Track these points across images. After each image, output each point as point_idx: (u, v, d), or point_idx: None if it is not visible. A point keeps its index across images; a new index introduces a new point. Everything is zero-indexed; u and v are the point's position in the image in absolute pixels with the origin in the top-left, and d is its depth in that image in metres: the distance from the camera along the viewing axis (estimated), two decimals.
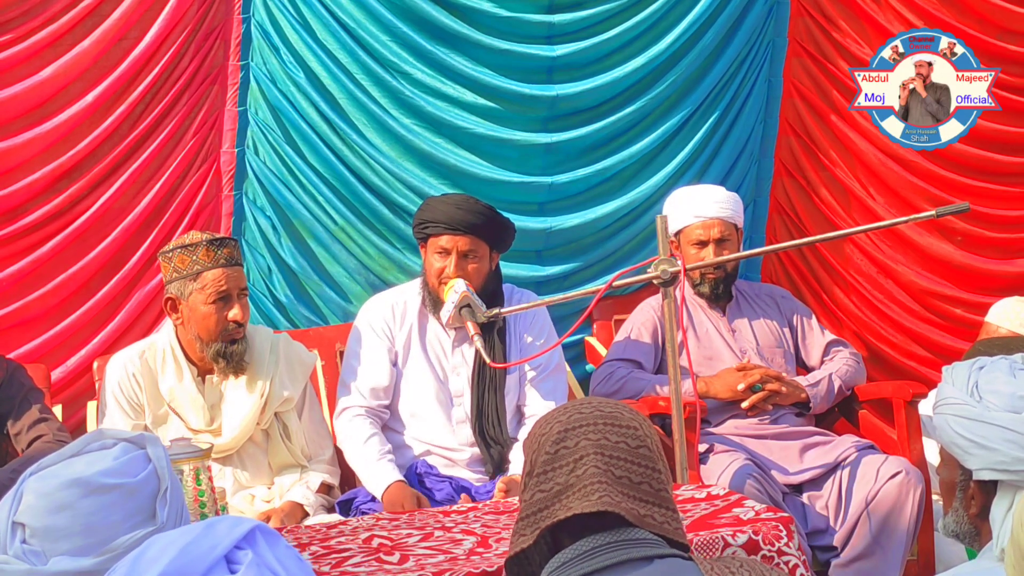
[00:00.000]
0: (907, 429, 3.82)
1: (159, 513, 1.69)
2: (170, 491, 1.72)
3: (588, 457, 1.75)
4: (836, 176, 4.71)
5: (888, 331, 4.74)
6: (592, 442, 1.76)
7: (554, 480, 1.75)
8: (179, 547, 1.35)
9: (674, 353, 3.20)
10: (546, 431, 1.80)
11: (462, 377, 3.67)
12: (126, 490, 1.67)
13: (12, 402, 3.38)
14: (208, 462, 2.64)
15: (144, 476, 1.70)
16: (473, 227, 3.60)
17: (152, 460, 1.73)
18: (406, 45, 4.29)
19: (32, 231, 4.11)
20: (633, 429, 1.80)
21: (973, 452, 2.03)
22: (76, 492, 1.65)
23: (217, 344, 3.40)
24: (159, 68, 4.14)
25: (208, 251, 3.38)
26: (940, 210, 3.39)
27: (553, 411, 1.85)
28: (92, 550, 1.63)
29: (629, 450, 1.77)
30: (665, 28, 4.46)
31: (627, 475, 1.75)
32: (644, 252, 4.48)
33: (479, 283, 3.60)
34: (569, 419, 1.79)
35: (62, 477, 1.67)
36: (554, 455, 1.76)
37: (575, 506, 1.72)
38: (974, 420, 2.03)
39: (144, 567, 1.35)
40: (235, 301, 3.39)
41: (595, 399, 1.87)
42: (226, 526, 1.40)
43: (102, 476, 1.67)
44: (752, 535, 2.53)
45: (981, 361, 2.12)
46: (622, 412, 1.82)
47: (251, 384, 3.48)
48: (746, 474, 3.56)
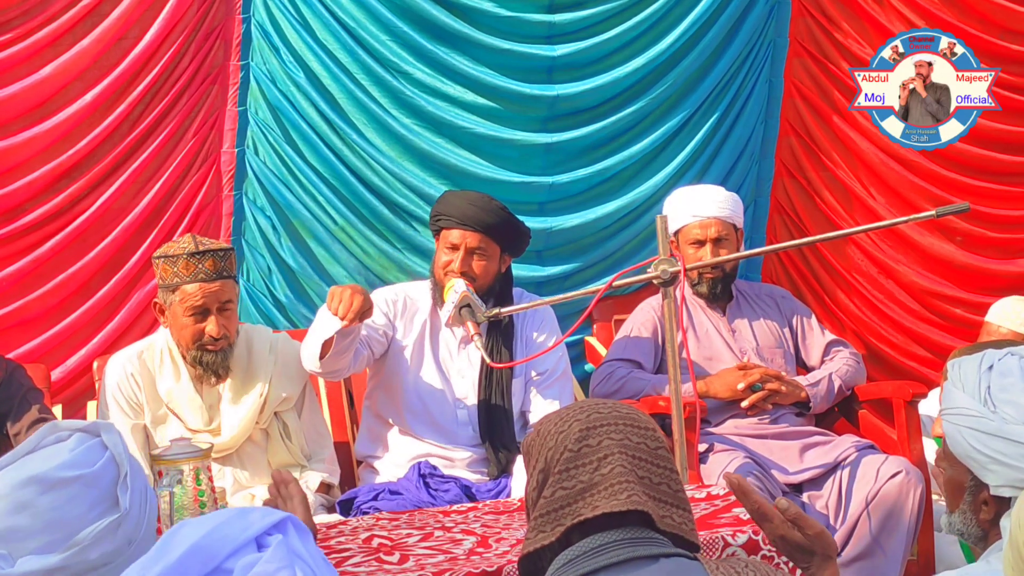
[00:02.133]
0: (907, 429, 3.82)
1: (121, 499, 1.68)
2: (130, 476, 1.70)
3: (613, 456, 1.75)
4: (837, 176, 4.70)
5: (888, 331, 4.73)
6: (615, 441, 1.76)
7: (577, 478, 1.75)
8: (211, 526, 1.37)
9: (674, 353, 3.20)
10: (564, 429, 1.79)
11: (467, 380, 3.66)
12: (85, 481, 1.66)
13: (12, 402, 3.38)
14: (208, 462, 2.64)
15: (102, 464, 1.68)
16: (485, 225, 3.59)
17: (108, 447, 1.71)
18: (406, 45, 4.29)
19: (32, 231, 4.11)
20: (652, 431, 1.80)
21: (992, 468, 1.96)
22: (34, 490, 1.63)
23: (193, 351, 3.39)
24: (159, 68, 4.14)
25: (188, 264, 3.35)
26: (940, 210, 3.39)
27: (564, 410, 1.84)
28: (58, 545, 1.62)
29: (649, 451, 1.78)
30: (666, 28, 4.46)
31: (648, 476, 1.75)
32: (644, 252, 4.48)
33: (485, 282, 3.59)
34: (588, 418, 1.79)
35: (18, 476, 1.64)
36: (577, 452, 1.76)
37: (602, 504, 1.72)
38: (992, 435, 1.95)
39: (175, 543, 1.36)
40: (213, 315, 3.36)
41: (599, 399, 1.87)
42: (259, 513, 1.41)
43: (59, 470, 1.65)
44: (752, 535, 2.53)
45: (988, 359, 2.04)
46: (638, 414, 1.82)
47: (250, 384, 3.48)
48: (746, 473, 3.56)
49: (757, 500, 1.87)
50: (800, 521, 1.85)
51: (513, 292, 3.77)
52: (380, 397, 3.72)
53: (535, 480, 1.82)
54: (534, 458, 1.83)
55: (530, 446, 1.85)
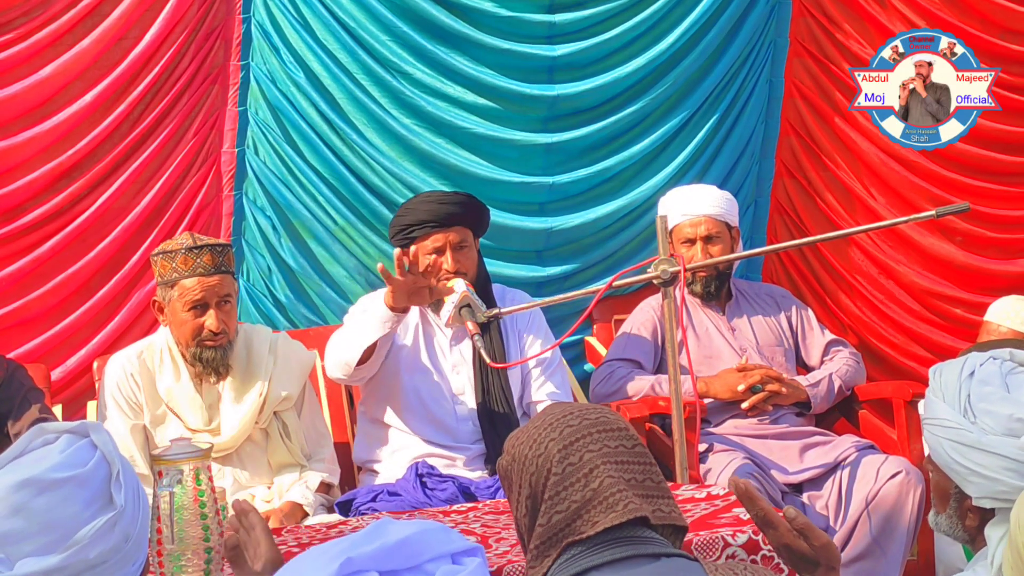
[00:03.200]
0: (907, 429, 3.82)
1: (115, 497, 1.69)
2: (123, 473, 1.71)
3: (598, 469, 1.75)
4: (837, 176, 4.70)
5: (888, 331, 4.73)
6: (595, 453, 1.76)
7: (569, 499, 1.75)
8: (419, 529, 1.45)
9: (674, 353, 3.20)
10: (542, 451, 1.78)
11: (462, 375, 3.68)
12: (77, 481, 1.66)
13: (12, 402, 3.38)
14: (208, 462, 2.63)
15: (93, 464, 1.69)
16: (460, 217, 3.63)
17: (98, 446, 1.72)
18: (406, 45, 4.29)
19: (32, 230, 4.10)
20: (624, 430, 1.81)
21: (972, 480, 1.93)
22: (28, 493, 1.64)
23: (193, 348, 3.39)
24: (159, 68, 4.13)
25: (186, 259, 3.35)
26: (940, 210, 3.39)
27: (533, 430, 1.82)
28: (56, 546, 1.63)
29: (628, 451, 1.78)
30: (666, 28, 4.45)
31: (634, 476, 1.76)
32: (644, 252, 4.48)
33: (473, 273, 3.62)
34: (562, 435, 1.78)
35: (11, 480, 1.65)
36: (562, 474, 1.76)
37: (601, 519, 1.72)
38: (971, 447, 1.92)
39: (389, 531, 1.44)
40: (212, 309, 3.37)
41: (563, 406, 1.85)
42: (459, 535, 1.50)
43: (51, 471, 1.66)
44: (752, 535, 2.53)
45: (970, 364, 1.99)
46: (605, 415, 1.82)
47: (249, 383, 3.48)
48: (746, 474, 3.56)
49: (763, 506, 1.86)
50: (808, 532, 1.84)
51: (495, 288, 3.78)
52: (376, 401, 3.71)
53: (524, 507, 1.81)
54: (516, 484, 1.82)
55: (508, 470, 1.84)
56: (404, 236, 3.65)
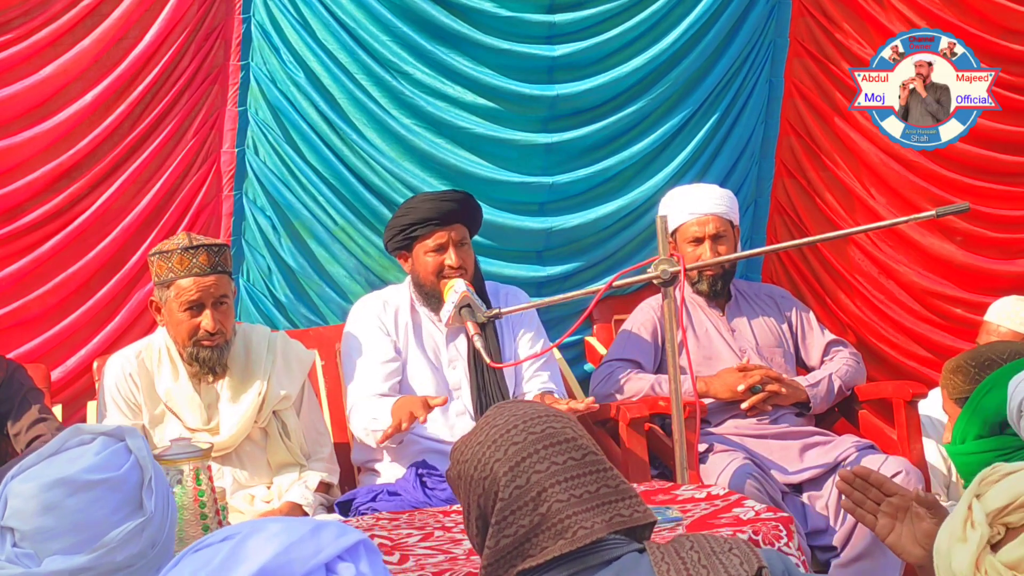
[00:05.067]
0: (907, 429, 3.82)
1: (146, 503, 1.70)
2: (154, 480, 1.72)
3: (547, 492, 1.69)
4: (837, 176, 4.70)
5: (888, 331, 4.73)
6: (543, 473, 1.70)
7: (517, 523, 1.70)
8: (283, 544, 1.31)
9: (674, 353, 3.20)
10: (488, 474, 1.73)
11: (459, 370, 3.70)
12: (111, 484, 1.68)
13: (12, 402, 3.38)
14: (208, 462, 2.64)
15: (127, 468, 1.70)
16: (460, 215, 3.68)
17: (133, 451, 1.73)
18: (406, 45, 4.29)
19: (32, 230, 4.10)
20: (572, 440, 1.74)
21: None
22: (62, 491, 1.65)
23: (190, 348, 3.39)
24: (159, 68, 4.13)
25: (182, 259, 3.35)
26: (940, 210, 3.39)
27: (477, 446, 1.77)
28: (84, 547, 1.64)
29: (577, 463, 1.72)
30: (666, 28, 4.46)
31: (586, 489, 1.70)
32: (645, 252, 4.48)
33: (471, 270, 3.67)
34: (507, 455, 1.72)
35: (45, 478, 1.66)
36: (510, 499, 1.70)
37: (551, 547, 1.68)
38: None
39: (245, 555, 1.31)
40: (208, 309, 3.37)
41: (507, 416, 1.78)
42: (333, 533, 1.35)
43: (85, 473, 1.67)
44: (752, 535, 2.53)
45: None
46: (551, 425, 1.75)
47: (248, 382, 3.48)
48: (746, 474, 3.56)
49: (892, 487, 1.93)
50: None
51: (488, 286, 3.81)
52: None
53: (474, 527, 1.77)
54: (464, 500, 1.78)
55: (455, 484, 1.80)
56: (405, 236, 3.67)
